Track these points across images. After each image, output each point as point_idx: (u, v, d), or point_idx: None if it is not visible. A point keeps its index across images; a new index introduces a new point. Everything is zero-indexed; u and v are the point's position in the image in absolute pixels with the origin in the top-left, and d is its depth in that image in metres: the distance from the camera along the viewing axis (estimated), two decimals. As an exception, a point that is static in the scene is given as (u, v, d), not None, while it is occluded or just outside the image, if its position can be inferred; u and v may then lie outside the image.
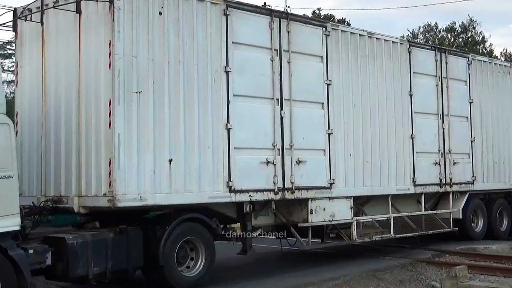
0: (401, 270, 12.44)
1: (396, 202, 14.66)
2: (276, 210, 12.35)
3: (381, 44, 13.91)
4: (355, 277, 11.58)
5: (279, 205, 12.26)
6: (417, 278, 11.91)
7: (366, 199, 13.95)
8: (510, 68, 18.13)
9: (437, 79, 15.29)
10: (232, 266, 12.90)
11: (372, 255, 14.36)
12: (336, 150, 12.62)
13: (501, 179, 17.22)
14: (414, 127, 14.51)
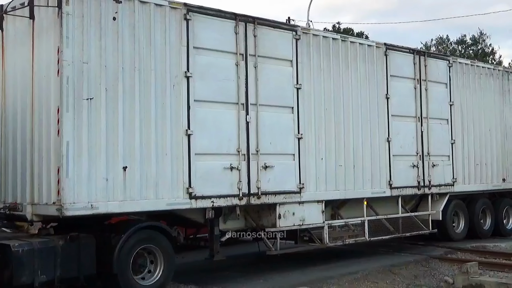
0: (416, 266, 12.47)
1: (374, 204, 13.69)
2: (246, 214, 11.51)
3: (356, 47, 12.88)
4: (373, 272, 11.64)
5: (249, 210, 11.39)
6: (431, 273, 11.86)
7: (342, 202, 13.00)
8: (494, 70, 16.98)
9: (416, 82, 14.23)
10: (256, 261, 12.61)
11: (388, 252, 14.29)
12: (306, 154, 11.65)
13: (483, 180, 16.10)
14: (390, 130, 13.48)
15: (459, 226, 15.78)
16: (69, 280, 8.78)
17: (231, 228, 11.38)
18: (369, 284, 10.90)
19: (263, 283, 10.81)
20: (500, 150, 16.78)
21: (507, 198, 17.41)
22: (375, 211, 13.70)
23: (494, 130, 16.60)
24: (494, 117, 16.66)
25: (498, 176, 16.62)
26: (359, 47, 12.94)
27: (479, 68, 16.40)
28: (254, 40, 10.92)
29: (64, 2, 8.51)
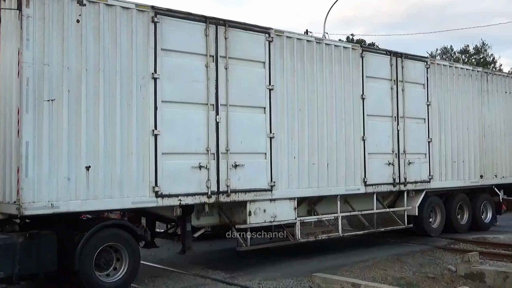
0: (421, 255, 12.42)
1: (352, 200, 12.95)
2: (220, 211, 10.86)
3: (331, 49, 12.07)
4: (382, 260, 11.68)
5: (223, 206, 10.72)
6: (435, 262, 11.77)
7: (319, 198, 12.26)
8: (473, 71, 16.03)
9: (392, 83, 13.38)
10: (278, 251, 12.20)
11: (396, 242, 14.15)
12: (278, 153, 10.91)
13: (460, 177, 15.20)
14: (366, 129, 12.66)
15: (435, 221, 14.95)
16: (29, 277, 8.23)
17: (205, 224, 10.77)
18: (379, 271, 10.84)
19: (284, 269, 10.80)
20: (478, 148, 15.87)
21: (485, 194, 16.53)
22: (352, 207, 12.97)
23: (472, 129, 15.70)
24: (472, 117, 15.74)
25: (475, 173, 15.74)
26: (334, 49, 12.14)
27: (458, 69, 15.48)
28: (225, 42, 10.19)
29: (24, 4, 7.87)
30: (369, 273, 10.58)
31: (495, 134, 16.52)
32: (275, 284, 9.62)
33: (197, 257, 11.48)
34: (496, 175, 16.47)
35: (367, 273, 10.52)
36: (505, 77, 17.24)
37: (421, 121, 14.14)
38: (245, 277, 10.17)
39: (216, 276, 10.31)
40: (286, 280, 9.86)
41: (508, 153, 17.01)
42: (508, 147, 17.00)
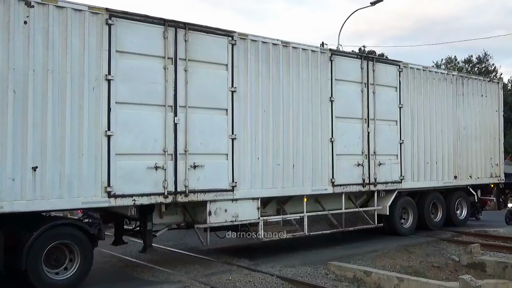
0: (427, 246, 12.36)
1: (323, 200, 12.01)
2: (185, 210, 10.04)
3: (298, 53, 11.14)
4: (391, 250, 11.61)
5: (188, 206, 9.90)
6: (440, 252, 11.82)
7: (288, 198, 11.34)
8: (448, 75, 14.92)
9: (363, 86, 12.39)
10: (296, 242, 12.05)
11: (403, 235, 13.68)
12: (240, 154, 10.04)
13: (433, 177, 14.13)
14: (334, 131, 11.70)
15: (408, 220, 13.89)
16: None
17: (169, 222, 9.97)
18: (388, 260, 10.78)
19: (301, 258, 10.72)
20: (452, 149, 14.78)
21: (459, 191, 15.41)
22: (323, 207, 12.04)
23: (446, 131, 14.61)
24: (446, 119, 14.65)
25: (449, 174, 14.65)
26: (302, 53, 11.20)
27: (432, 73, 14.40)
28: (185, 44, 9.34)
29: (-34, 5, 7.19)
30: (379, 262, 10.51)
31: (470, 136, 15.42)
32: (294, 270, 9.52)
33: (224, 246, 11.42)
34: (471, 176, 15.36)
35: (378, 262, 10.47)
36: (481, 81, 16.08)
37: (393, 123, 13.13)
38: (267, 264, 10.07)
39: (241, 263, 10.23)
40: (304, 267, 9.75)
41: (484, 154, 15.90)
42: (483, 149, 15.88)
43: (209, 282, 8.72)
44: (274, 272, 9.38)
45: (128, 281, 8.97)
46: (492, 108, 16.34)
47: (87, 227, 8.30)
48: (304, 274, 9.38)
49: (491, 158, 16.16)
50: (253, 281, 8.87)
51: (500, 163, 16.47)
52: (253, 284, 8.72)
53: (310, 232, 11.34)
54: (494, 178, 16.25)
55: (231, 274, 9.29)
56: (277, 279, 8.98)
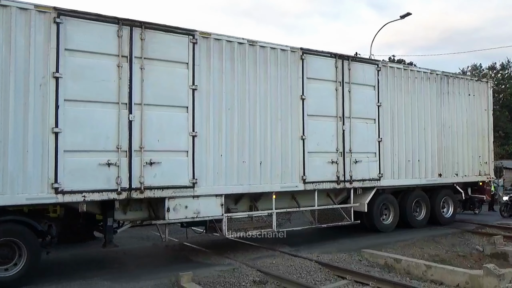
0: (453, 237, 12.12)
1: (299, 197, 10.92)
2: (149, 206, 9.17)
3: (266, 51, 10.08)
4: (419, 240, 11.40)
5: (152, 202, 9.02)
6: (465, 243, 11.59)
7: (260, 194, 10.28)
8: (431, 74, 13.47)
9: (338, 84, 11.19)
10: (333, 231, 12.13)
11: (431, 226, 13.42)
12: (202, 151, 9.08)
13: (416, 175, 12.74)
14: (306, 128, 10.56)
15: (389, 217, 12.57)
16: None
17: (132, 218, 9.07)
18: (417, 249, 10.55)
19: (337, 245, 10.66)
20: (436, 147, 13.35)
21: (445, 189, 13.90)
22: (298, 203, 10.94)
23: (430, 129, 13.20)
24: (430, 117, 13.23)
25: (433, 172, 13.21)
26: (270, 51, 10.14)
27: (414, 72, 13.01)
28: (141, 43, 8.46)
29: None
30: (409, 250, 10.32)
31: (456, 134, 13.92)
32: (331, 256, 9.47)
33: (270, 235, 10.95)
34: (457, 174, 13.85)
35: (407, 250, 10.28)
36: (469, 81, 14.52)
37: (371, 121, 11.86)
38: (306, 251, 10.02)
39: (283, 249, 10.22)
40: (340, 254, 9.69)
41: (472, 152, 14.35)
42: (471, 147, 14.33)
43: (255, 265, 8.73)
44: (313, 257, 9.29)
45: (184, 263, 9.09)
46: (481, 107, 14.76)
47: (35, 224, 7.53)
48: (339, 259, 9.30)
49: (480, 157, 14.58)
50: (294, 265, 8.82)
51: (489, 161, 14.86)
52: (294, 268, 8.65)
53: (280, 229, 10.26)
54: (483, 176, 14.65)
55: (274, 258, 9.34)
56: (315, 263, 8.89)
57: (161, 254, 9.94)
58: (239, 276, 8.00)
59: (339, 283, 7.95)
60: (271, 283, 7.72)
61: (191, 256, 9.73)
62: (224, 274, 8.05)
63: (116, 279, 7.82)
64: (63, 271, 8.52)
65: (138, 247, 9.05)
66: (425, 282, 8.05)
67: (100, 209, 8.63)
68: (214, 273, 8.11)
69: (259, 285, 7.67)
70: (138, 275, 8.08)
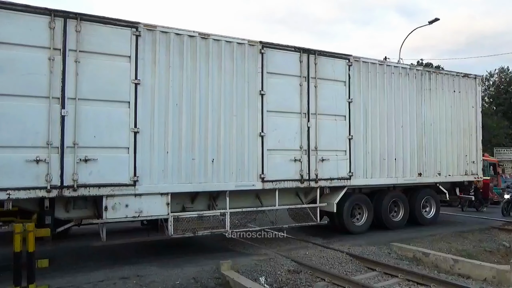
0: (480, 233, 11.75)
1: (263, 196, 9.83)
2: (95, 204, 8.27)
3: (220, 45, 9.04)
4: (447, 235, 11.13)
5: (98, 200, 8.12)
6: (492, 239, 11.23)
7: (218, 193, 9.25)
8: (410, 70, 12.07)
9: (302, 79, 10.00)
10: None
11: (458, 222, 13.43)
12: (145, 148, 8.11)
13: (392, 174, 11.39)
14: (265, 125, 9.45)
15: (362, 218, 11.26)
16: None
17: (75, 217, 8.20)
18: (444, 243, 10.27)
19: (367, 239, 10.44)
20: (416, 145, 11.94)
21: (426, 189, 12.45)
22: (261, 202, 9.83)
23: (408, 127, 11.80)
24: (409, 114, 11.83)
25: (412, 171, 11.82)
26: (225, 45, 9.09)
27: (390, 67, 11.62)
28: (76, 35, 7.58)
29: None
30: (436, 245, 10.05)
31: (439, 133, 12.45)
32: (361, 249, 9.33)
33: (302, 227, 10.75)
34: (439, 173, 12.38)
35: (435, 245, 10.02)
36: (454, 76, 12.99)
37: (341, 118, 10.60)
38: (338, 243, 9.95)
39: (315, 241, 10.19)
40: (370, 247, 9.56)
41: (457, 151, 12.84)
42: (456, 145, 12.82)
43: (289, 255, 8.70)
44: (344, 249, 9.21)
45: (224, 252, 9.10)
46: (467, 104, 13.21)
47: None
48: (369, 252, 9.17)
49: (466, 156, 13.04)
50: (326, 256, 8.79)
51: (477, 160, 13.29)
52: (326, 259, 8.62)
53: (234, 229, 9.18)
54: (470, 176, 13.10)
55: (308, 249, 9.31)
56: (346, 255, 8.82)
57: (203, 244, 9.92)
58: (274, 265, 8.04)
59: (369, 274, 7.92)
60: (304, 272, 7.76)
61: (230, 246, 9.76)
62: (260, 263, 8.10)
63: (162, 265, 7.97)
64: (115, 257, 8.69)
65: (182, 237, 8.69)
66: (453, 276, 7.92)
67: (38, 206, 7.81)
68: (251, 262, 8.16)
69: (293, 274, 7.69)
70: (182, 262, 8.20)
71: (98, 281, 6.93)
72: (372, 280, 7.59)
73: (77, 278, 7.09)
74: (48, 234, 6.19)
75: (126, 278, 7.11)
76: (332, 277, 7.36)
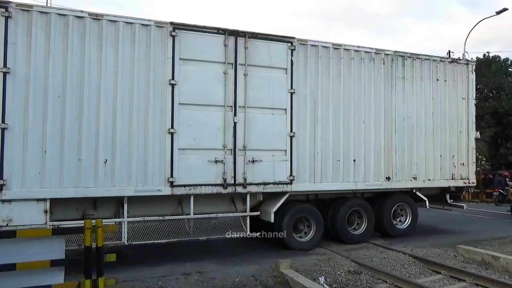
0: None
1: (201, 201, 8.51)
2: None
3: (117, 27, 7.76)
4: None
5: None
6: None
7: (129, 198, 8.04)
8: (377, 54, 10.18)
9: (228, 67, 8.57)
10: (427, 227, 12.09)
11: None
12: (15, 147, 7.04)
13: (349, 179, 9.70)
14: (176, 120, 8.12)
15: (310, 231, 9.61)
16: None
17: None
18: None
19: (431, 241, 10.26)
20: (384, 145, 10.14)
21: (399, 195, 10.62)
22: (183, 210, 8.55)
23: (373, 123, 10.02)
24: (375, 108, 10.04)
25: (378, 174, 10.03)
26: (123, 27, 7.82)
27: (349, 51, 9.86)
28: None
29: None
30: (506, 248, 9.73)
31: (415, 129, 10.56)
32: (425, 251, 9.13)
33: None
34: (415, 177, 10.51)
35: (504, 248, 9.70)
36: (438, 62, 10.99)
37: (280, 111, 9.07)
38: (400, 244, 9.73)
39: (376, 242, 10.01)
40: (434, 249, 9.36)
41: (441, 151, 10.88)
42: (439, 144, 10.86)
43: (349, 255, 8.64)
44: (407, 251, 9.01)
45: (282, 251, 8.98)
46: (456, 95, 11.18)
47: None
48: (434, 254, 8.94)
49: (453, 156, 11.04)
50: (387, 257, 8.63)
51: (469, 162, 11.24)
52: (388, 260, 8.46)
53: (133, 242, 7.92)
54: (458, 180, 11.08)
55: (368, 250, 9.18)
56: (409, 257, 8.62)
57: (261, 242, 9.73)
58: (334, 265, 7.97)
59: (434, 277, 7.67)
60: (365, 273, 7.63)
61: None
62: (320, 263, 8.04)
63: (222, 263, 8.10)
64: (177, 253, 8.94)
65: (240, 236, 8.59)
66: (525, 281, 7.55)
67: None
68: (310, 262, 8.12)
69: (354, 274, 7.55)
70: (241, 260, 8.26)
71: (161, 276, 7.19)
72: (437, 283, 7.35)
73: (141, 273, 7.41)
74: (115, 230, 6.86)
75: (188, 274, 7.36)
76: (395, 279, 7.19)
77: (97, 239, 5.74)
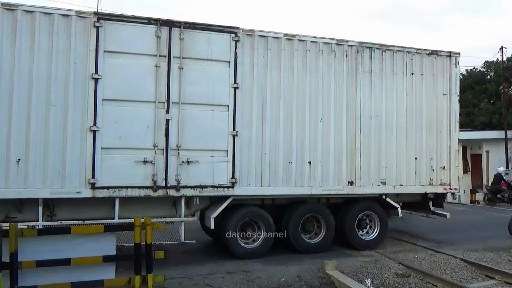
0: None
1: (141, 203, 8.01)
2: None
3: (33, 18, 7.27)
4: None
5: None
6: None
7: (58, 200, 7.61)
8: (338, 45, 9.26)
9: (160, 59, 7.96)
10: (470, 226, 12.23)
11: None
12: None
13: (303, 182, 8.82)
14: (99, 117, 7.56)
15: (258, 239, 8.79)
16: None
17: None
18: None
19: (483, 244, 10.06)
20: (346, 145, 9.20)
21: (365, 202, 9.63)
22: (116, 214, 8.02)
23: (333, 121, 9.10)
24: (336, 105, 9.10)
25: (338, 178, 9.11)
26: (40, 17, 7.31)
27: (305, 43, 8.98)
28: None
29: None
30: None
31: (385, 128, 9.55)
32: (478, 255, 8.89)
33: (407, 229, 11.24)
34: (383, 182, 9.51)
35: None
36: (413, 55, 9.90)
37: (221, 108, 8.35)
38: (449, 247, 9.63)
39: (424, 244, 9.96)
40: (487, 252, 9.11)
41: (416, 153, 9.81)
42: (414, 145, 9.80)
43: (396, 258, 8.57)
44: (457, 254, 8.85)
45: (327, 252, 8.99)
46: (435, 90, 10.08)
47: None
48: (487, 258, 8.69)
49: (432, 159, 9.96)
50: (437, 261, 8.47)
51: (450, 166, 10.10)
52: (437, 264, 8.30)
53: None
54: (437, 186, 9.97)
55: (416, 253, 9.09)
56: (460, 261, 8.41)
57: None
58: (381, 267, 7.89)
59: (487, 282, 7.46)
60: (414, 276, 7.51)
61: (333, 246, 9.42)
62: (366, 265, 7.98)
63: (266, 262, 8.15)
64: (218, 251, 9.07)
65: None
66: None
67: None
68: (356, 263, 8.09)
69: (402, 278, 7.47)
70: (286, 260, 8.31)
71: (207, 274, 7.37)
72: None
73: (188, 270, 7.59)
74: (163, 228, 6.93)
75: (233, 272, 7.47)
76: (445, 283, 7.07)
77: (147, 237, 6.03)
